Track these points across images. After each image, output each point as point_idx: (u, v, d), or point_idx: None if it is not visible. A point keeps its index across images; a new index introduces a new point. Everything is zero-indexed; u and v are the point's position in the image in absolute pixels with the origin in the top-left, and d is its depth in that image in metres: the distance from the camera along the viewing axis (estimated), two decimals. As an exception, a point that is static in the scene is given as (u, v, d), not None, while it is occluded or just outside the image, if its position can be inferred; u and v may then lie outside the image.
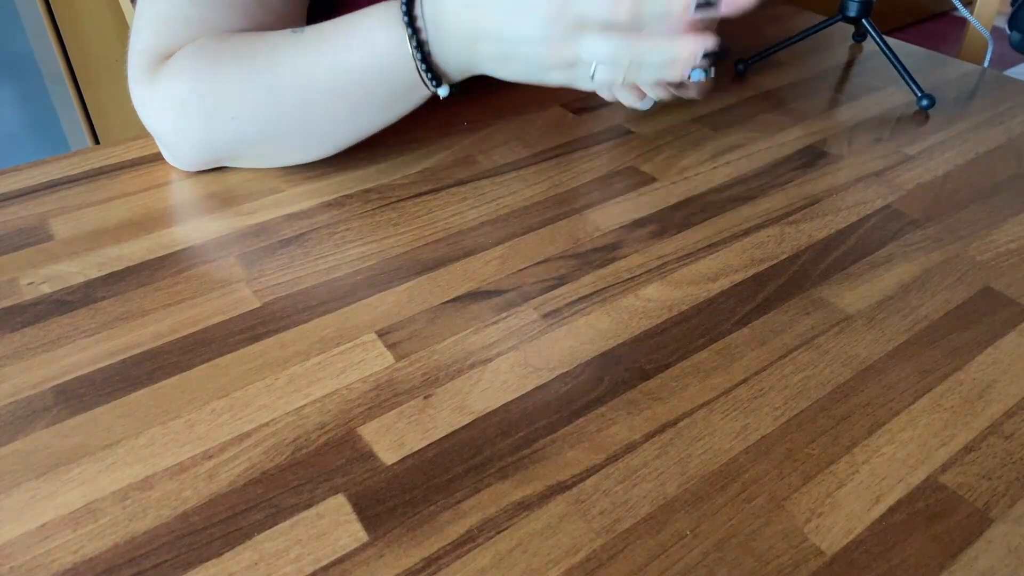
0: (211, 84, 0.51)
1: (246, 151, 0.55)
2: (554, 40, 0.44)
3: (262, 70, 0.50)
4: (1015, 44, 0.98)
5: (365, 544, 0.33)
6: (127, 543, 0.33)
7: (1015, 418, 0.38)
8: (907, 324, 0.44)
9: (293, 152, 0.56)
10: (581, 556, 0.32)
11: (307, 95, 0.51)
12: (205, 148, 0.54)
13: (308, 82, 0.50)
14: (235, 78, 0.50)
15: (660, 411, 0.39)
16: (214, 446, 0.37)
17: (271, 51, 0.51)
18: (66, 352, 0.42)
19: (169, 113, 0.52)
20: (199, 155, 0.55)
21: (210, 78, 0.51)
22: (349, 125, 0.54)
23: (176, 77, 0.51)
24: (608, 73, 0.45)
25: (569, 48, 0.45)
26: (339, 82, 0.50)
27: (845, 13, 0.69)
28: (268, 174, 0.58)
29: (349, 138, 0.55)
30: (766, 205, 0.54)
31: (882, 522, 0.34)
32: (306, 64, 0.50)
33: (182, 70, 0.51)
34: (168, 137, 0.54)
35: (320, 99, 0.51)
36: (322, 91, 0.50)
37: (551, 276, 0.48)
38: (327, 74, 0.50)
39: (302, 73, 0.50)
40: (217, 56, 0.51)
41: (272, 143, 0.54)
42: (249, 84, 0.50)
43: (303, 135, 0.54)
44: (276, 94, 0.50)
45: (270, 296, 0.46)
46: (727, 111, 0.67)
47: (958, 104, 0.68)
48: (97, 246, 0.50)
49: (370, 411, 0.39)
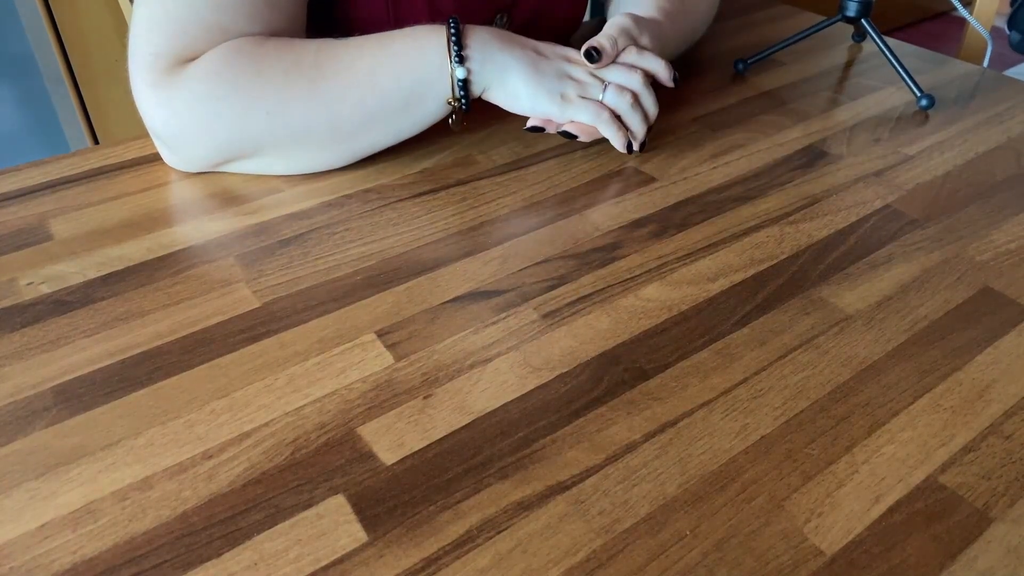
0: (251, 77, 0.52)
1: (266, 151, 0.55)
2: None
3: (306, 69, 0.53)
4: (1014, 44, 0.98)
5: (365, 544, 0.33)
6: (127, 543, 0.33)
7: (1015, 418, 0.38)
8: (907, 324, 0.44)
9: (309, 154, 0.56)
10: (581, 556, 0.32)
11: (344, 93, 0.53)
12: (225, 146, 0.54)
13: (348, 82, 0.53)
14: (277, 75, 0.53)
15: (660, 411, 0.39)
16: (214, 446, 0.37)
17: (317, 54, 0.54)
18: (66, 352, 0.42)
19: (197, 112, 0.53)
20: (211, 155, 0.55)
21: (251, 72, 0.52)
22: (373, 126, 0.55)
23: (211, 75, 0.52)
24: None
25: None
26: (378, 82, 0.54)
27: (845, 13, 0.69)
28: (268, 174, 0.57)
29: (368, 143, 0.57)
30: (766, 205, 0.54)
31: (882, 522, 0.34)
32: (350, 65, 0.53)
33: (218, 71, 0.52)
34: (183, 138, 0.54)
35: (355, 99, 0.54)
36: (359, 88, 0.53)
37: (551, 276, 0.48)
38: (370, 75, 0.53)
39: (344, 73, 0.53)
40: (259, 55, 0.53)
41: (293, 143, 0.55)
42: (291, 81, 0.53)
43: (327, 135, 0.55)
44: (315, 92, 0.53)
45: (270, 296, 0.46)
46: (727, 111, 0.67)
47: (958, 104, 0.68)
48: (96, 246, 0.50)
49: (370, 411, 0.39)
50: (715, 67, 0.75)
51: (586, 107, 0.57)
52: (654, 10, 0.65)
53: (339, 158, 0.57)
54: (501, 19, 0.69)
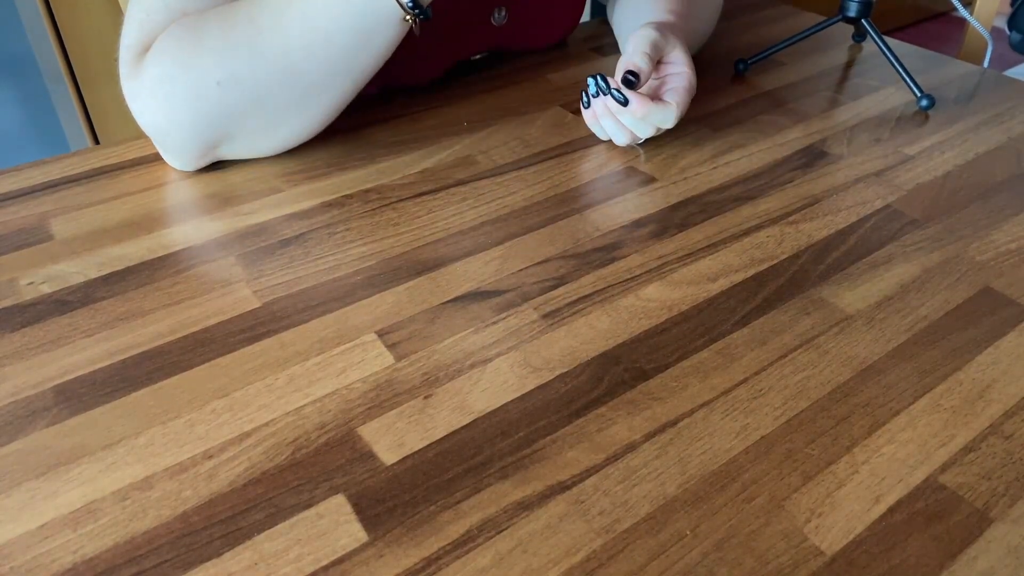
0: (193, 52, 0.51)
1: (238, 126, 0.54)
2: None
3: (242, 29, 0.51)
4: (1015, 44, 0.98)
5: (365, 544, 0.33)
6: (127, 543, 0.33)
7: (1015, 418, 0.38)
8: (907, 324, 0.44)
9: (284, 120, 0.55)
10: (581, 556, 0.32)
11: (287, 44, 0.51)
12: (196, 130, 0.53)
13: (286, 31, 0.50)
14: (216, 42, 0.51)
15: (660, 411, 0.39)
16: (214, 446, 0.37)
17: (249, 10, 0.51)
18: (66, 352, 0.42)
19: (157, 97, 0.52)
20: (193, 143, 0.54)
21: (192, 47, 0.51)
22: (331, 72, 0.53)
23: (159, 56, 0.51)
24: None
25: None
26: (316, 24, 0.50)
27: (845, 13, 0.69)
28: (268, 174, 0.58)
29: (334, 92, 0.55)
30: (766, 205, 0.54)
31: (882, 522, 0.34)
32: (282, 13, 0.50)
33: (164, 49, 0.51)
34: (160, 127, 0.54)
35: (299, 46, 0.51)
36: (300, 37, 0.51)
37: (551, 276, 0.48)
38: (303, 19, 0.50)
39: (280, 23, 0.50)
40: (197, 27, 0.51)
41: (261, 110, 0.53)
42: (231, 44, 0.51)
43: (288, 93, 0.53)
44: (257, 49, 0.51)
45: (270, 296, 0.46)
46: (727, 111, 0.67)
47: (958, 104, 0.68)
48: (97, 246, 0.50)
49: (370, 411, 0.39)
50: (715, 67, 0.75)
51: None
52: (666, 13, 0.63)
53: (316, 116, 0.56)
54: (499, 13, 0.69)
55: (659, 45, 0.56)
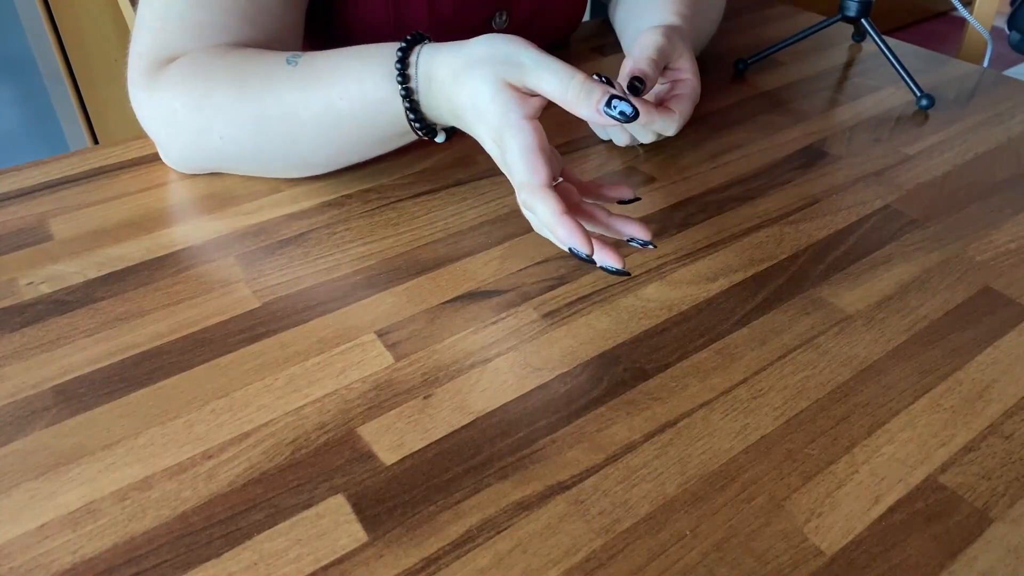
0: (202, 101, 0.51)
1: (234, 166, 0.56)
2: None
3: (252, 98, 0.50)
4: (1014, 44, 0.98)
5: (365, 544, 0.33)
6: (126, 543, 0.33)
7: (1015, 418, 0.38)
8: (907, 324, 0.44)
9: (278, 173, 0.56)
10: (581, 556, 0.32)
11: (294, 130, 0.51)
12: (195, 158, 0.55)
13: (295, 119, 0.50)
14: (225, 100, 0.51)
15: (660, 411, 0.39)
16: (214, 446, 0.37)
17: (263, 79, 0.50)
18: (65, 352, 0.42)
19: (162, 122, 0.53)
20: (190, 163, 0.56)
21: (202, 95, 0.51)
22: (334, 160, 0.54)
23: (170, 89, 0.52)
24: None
25: None
26: (326, 122, 0.50)
27: (845, 13, 0.69)
28: (268, 174, 0.58)
29: (334, 167, 0.56)
30: (765, 205, 0.54)
31: (882, 522, 0.34)
32: (293, 102, 0.50)
33: (176, 83, 0.52)
34: (161, 143, 0.55)
35: (306, 136, 0.51)
36: (309, 129, 0.50)
37: (551, 276, 0.48)
38: (315, 115, 0.50)
39: (290, 110, 0.50)
40: (211, 74, 0.51)
41: (257, 165, 0.55)
42: (238, 109, 0.50)
43: (287, 163, 0.54)
44: (263, 124, 0.51)
45: (270, 296, 0.46)
46: (727, 111, 0.67)
47: (958, 104, 0.68)
48: (96, 246, 0.50)
49: (370, 411, 0.39)
50: (715, 67, 0.75)
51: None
52: (673, 15, 0.62)
53: (312, 174, 0.57)
54: (500, 17, 0.69)
55: (666, 51, 0.55)
